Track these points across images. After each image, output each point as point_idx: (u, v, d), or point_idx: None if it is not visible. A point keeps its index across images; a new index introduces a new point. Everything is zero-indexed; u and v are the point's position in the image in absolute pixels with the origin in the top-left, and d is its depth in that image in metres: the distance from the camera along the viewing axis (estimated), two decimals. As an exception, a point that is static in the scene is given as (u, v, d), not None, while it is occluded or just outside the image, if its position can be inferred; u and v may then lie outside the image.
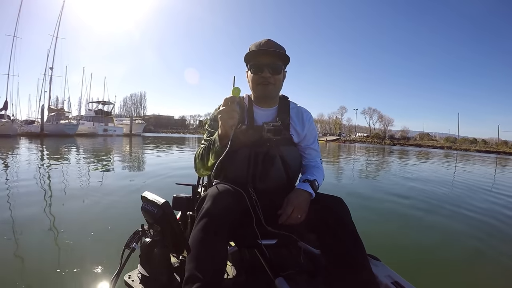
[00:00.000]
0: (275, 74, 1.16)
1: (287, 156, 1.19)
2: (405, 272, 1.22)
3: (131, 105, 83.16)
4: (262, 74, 1.15)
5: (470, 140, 57.13)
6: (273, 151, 1.17)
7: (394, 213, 3.49)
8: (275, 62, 1.15)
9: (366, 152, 18.11)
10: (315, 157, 1.29)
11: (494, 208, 4.04)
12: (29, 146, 12.14)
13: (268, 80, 1.15)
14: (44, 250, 1.94)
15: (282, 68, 1.18)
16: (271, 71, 1.15)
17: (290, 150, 1.21)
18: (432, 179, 6.90)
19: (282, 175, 1.19)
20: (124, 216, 2.70)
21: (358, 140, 56.52)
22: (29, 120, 34.14)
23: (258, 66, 1.15)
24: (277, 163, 1.17)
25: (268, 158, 1.16)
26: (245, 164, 1.15)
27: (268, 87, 1.17)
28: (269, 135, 1.14)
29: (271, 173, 1.17)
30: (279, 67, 1.16)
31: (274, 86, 1.18)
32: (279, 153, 1.18)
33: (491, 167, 12.85)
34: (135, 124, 38.53)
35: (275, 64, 1.15)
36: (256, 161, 1.16)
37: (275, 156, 1.17)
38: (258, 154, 1.16)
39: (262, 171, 1.16)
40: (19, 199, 3.22)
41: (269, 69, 1.14)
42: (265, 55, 1.14)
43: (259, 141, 1.16)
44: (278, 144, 1.18)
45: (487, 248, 2.44)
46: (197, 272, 0.89)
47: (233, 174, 1.17)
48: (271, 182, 1.18)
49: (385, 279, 1.10)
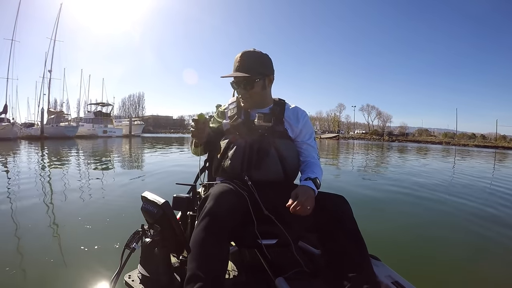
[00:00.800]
0: (250, 89, 1.25)
1: (282, 148, 1.24)
2: (405, 272, 1.22)
3: (129, 106, 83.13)
4: (239, 91, 1.28)
5: (468, 135, 56.95)
6: (267, 141, 1.23)
7: (394, 212, 3.48)
8: (247, 79, 1.23)
9: (365, 150, 18.08)
10: (312, 152, 1.33)
11: (496, 204, 4.03)
12: (31, 149, 12.17)
13: (244, 96, 1.27)
14: (43, 250, 1.93)
15: (255, 82, 1.24)
16: (245, 88, 1.25)
17: (285, 143, 1.26)
18: (432, 175, 6.88)
19: (277, 166, 1.23)
20: (124, 216, 2.70)
21: (356, 137, 56.39)
22: (28, 123, 34.12)
23: (234, 86, 1.29)
24: (272, 153, 1.22)
25: (262, 148, 1.22)
26: (240, 153, 1.22)
27: (248, 101, 1.28)
28: (260, 122, 1.23)
29: (266, 162, 1.21)
30: (251, 83, 1.24)
31: (252, 99, 1.28)
32: (274, 144, 1.23)
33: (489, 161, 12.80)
34: (134, 125, 38.49)
35: (248, 81, 1.24)
36: (251, 151, 1.22)
37: (269, 146, 1.23)
38: (252, 144, 1.23)
39: (257, 159, 1.21)
40: (19, 199, 3.22)
41: (243, 86, 1.25)
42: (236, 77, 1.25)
43: (253, 132, 1.25)
44: (272, 136, 1.25)
45: (490, 247, 2.43)
46: (199, 271, 0.89)
47: (230, 164, 1.23)
48: (266, 172, 1.21)
49: (386, 279, 1.10)
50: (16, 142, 17.89)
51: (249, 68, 1.22)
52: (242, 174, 1.19)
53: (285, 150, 1.24)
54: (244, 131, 1.26)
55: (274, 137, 1.25)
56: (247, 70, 1.22)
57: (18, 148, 12.78)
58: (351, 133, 65.63)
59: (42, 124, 25.10)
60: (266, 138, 1.24)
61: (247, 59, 1.24)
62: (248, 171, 1.20)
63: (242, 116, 1.31)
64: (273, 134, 1.25)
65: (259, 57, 1.27)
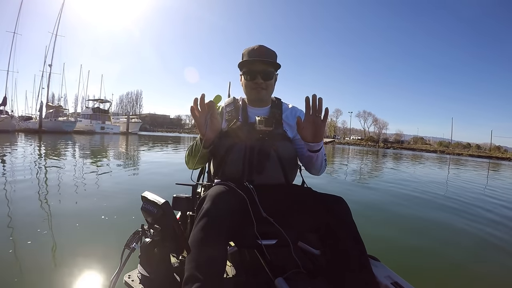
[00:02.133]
0: (267, 80, 1.25)
1: (282, 151, 1.23)
2: (404, 272, 1.23)
3: (127, 103, 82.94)
4: (255, 81, 1.25)
5: (463, 145, 58.18)
6: (267, 145, 1.21)
7: (393, 213, 3.50)
8: (266, 69, 1.24)
9: (360, 155, 18.13)
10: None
11: (492, 207, 4.06)
12: (30, 142, 12.10)
13: (260, 86, 1.25)
14: (41, 250, 1.92)
15: (273, 74, 1.27)
16: (263, 78, 1.24)
17: (284, 146, 1.25)
18: (432, 178, 6.92)
19: (278, 169, 1.22)
20: (123, 216, 2.69)
21: (352, 142, 57.27)
22: (25, 116, 34.02)
23: (251, 73, 1.25)
24: (272, 157, 1.21)
25: (263, 151, 1.20)
26: (240, 158, 1.20)
27: (261, 92, 1.27)
28: (261, 127, 1.19)
29: (267, 166, 1.20)
30: (270, 74, 1.25)
31: (266, 91, 1.27)
32: (273, 147, 1.22)
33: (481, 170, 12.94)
34: (132, 122, 38.58)
35: (267, 71, 1.24)
36: (251, 155, 1.20)
37: (269, 149, 1.21)
38: (253, 147, 1.20)
39: (257, 164, 1.20)
40: (15, 196, 3.21)
41: (261, 75, 1.24)
42: (258, 63, 1.23)
43: (253, 135, 1.22)
44: (272, 139, 1.23)
45: (488, 248, 2.45)
46: (196, 272, 0.89)
47: (230, 169, 1.21)
48: (267, 176, 1.20)
49: (385, 280, 1.10)
50: (14, 135, 17.80)
51: (271, 59, 1.23)
52: (243, 180, 1.18)
53: (284, 153, 1.24)
54: (243, 135, 1.23)
55: (275, 140, 1.23)
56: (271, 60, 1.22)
57: (16, 140, 12.73)
58: (347, 139, 66.46)
59: (41, 118, 25.18)
60: (267, 142, 1.22)
61: (267, 50, 1.25)
62: (250, 175, 1.19)
63: (241, 118, 1.28)
64: (273, 137, 1.23)
65: (274, 53, 1.28)
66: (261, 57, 1.22)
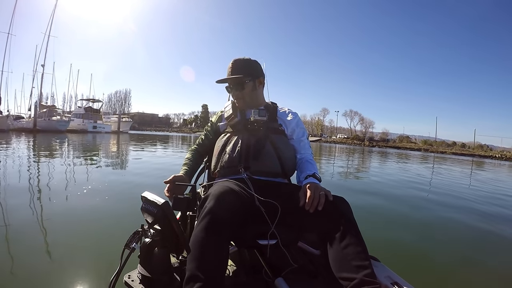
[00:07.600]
0: (241, 90, 1.39)
1: (277, 142, 1.33)
2: (404, 273, 1.23)
3: (115, 102, 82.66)
4: (233, 93, 1.43)
5: (447, 143, 59.44)
6: (262, 134, 1.32)
7: (393, 213, 3.51)
8: (237, 82, 1.39)
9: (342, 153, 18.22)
10: (307, 149, 1.42)
11: (492, 208, 4.10)
12: (26, 140, 11.97)
13: (237, 97, 1.42)
14: (40, 250, 1.90)
15: (244, 83, 1.39)
16: (237, 89, 1.40)
17: (280, 138, 1.35)
18: (431, 177, 6.98)
19: (273, 157, 1.30)
20: (123, 216, 2.67)
21: (338, 141, 57.77)
22: (15, 116, 33.76)
23: (227, 89, 1.46)
24: (268, 146, 1.30)
25: (258, 140, 1.31)
26: (237, 145, 1.31)
27: (240, 102, 1.42)
28: (256, 116, 1.34)
29: (263, 153, 1.29)
30: (242, 84, 1.39)
31: (244, 100, 1.41)
32: (269, 139, 1.32)
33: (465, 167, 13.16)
34: (123, 121, 38.93)
35: (238, 84, 1.39)
36: (248, 143, 1.30)
37: (265, 139, 1.32)
38: (249, 137, 1.32)
39: (254, 151, 1.29)
40: (9, 196, 3.16)
41: (235, 88, 1.40)
42: (229, 80, 1.40)
43: (249, 128, 1.35)
44: (268, 131, 1.34)
45: (487, 249, 2.47)
46: (198, 272, 0.89)
47: (228, 158, 1.30)
48: (263, 163, 1.28)
49: (385, 280, 1.10)
50: (8, 134, 17.63)
51: (239, 71, 1.38)
52: (239, 166, 1.26)
53: (280, 144, 1.33)
54: (240, 127, 1.37)
55: (270, 132, 1.34)
56: (238, 73, 1.37)
57: (10, 139, 12.58)
58: (333, 137, 67.24)
59: (35, 117, 25.41)
60: (262, 132, 1.33)
61: (238, 64, 1.39)
62: (246, 162, 1.27)
63: (238, 115, 1.42)
64: (268, 129, 1.35)
65: (248, 62, 1.41)
66: (232, 73, 1.38)
